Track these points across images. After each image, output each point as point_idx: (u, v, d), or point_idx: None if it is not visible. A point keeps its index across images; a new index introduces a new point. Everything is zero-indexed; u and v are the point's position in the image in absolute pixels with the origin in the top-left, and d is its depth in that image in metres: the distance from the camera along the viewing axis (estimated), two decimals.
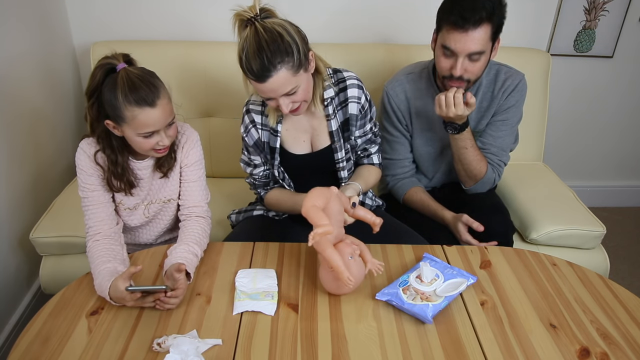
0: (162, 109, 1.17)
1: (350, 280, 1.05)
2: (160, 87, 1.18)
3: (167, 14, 2.06)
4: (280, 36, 1.16)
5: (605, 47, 2.30)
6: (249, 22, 1.18)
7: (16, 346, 1.01)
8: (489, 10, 1.34)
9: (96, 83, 1.16)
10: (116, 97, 1.13)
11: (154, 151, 1.23)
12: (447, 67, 1.44)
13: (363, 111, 1.40)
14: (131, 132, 1.17)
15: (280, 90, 1.20)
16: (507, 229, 1.58)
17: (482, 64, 1.43)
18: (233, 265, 1.26)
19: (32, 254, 1.72)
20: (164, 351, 0.99)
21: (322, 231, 1.03)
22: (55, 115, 1.98)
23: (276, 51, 1.15)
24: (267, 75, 1.17)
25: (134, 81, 1.13)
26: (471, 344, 1.04)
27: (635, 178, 2.75)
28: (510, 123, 1.59)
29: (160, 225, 1.43)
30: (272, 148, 1.40)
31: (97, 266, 1.15)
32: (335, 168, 1.44)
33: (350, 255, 1.10)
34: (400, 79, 1.62)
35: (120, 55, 1.17)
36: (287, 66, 1.17)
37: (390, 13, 2.11)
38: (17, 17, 1.73)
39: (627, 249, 2.46)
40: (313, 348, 1.02)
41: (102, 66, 1.16)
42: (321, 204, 1.08)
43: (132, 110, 1.13)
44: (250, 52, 1.16)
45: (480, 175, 1.57)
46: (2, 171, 1.66)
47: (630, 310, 1.15)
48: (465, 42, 1.36)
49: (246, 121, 1.40)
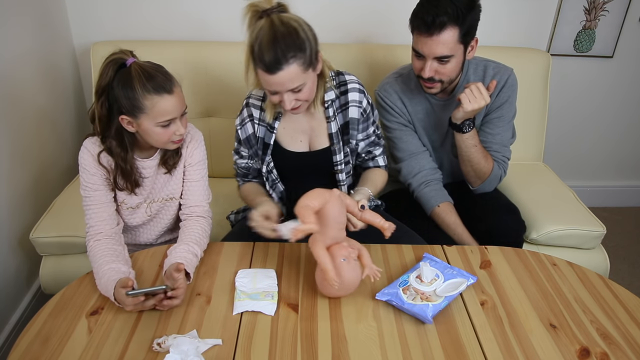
0: (178, 96, 1.19)
1: (336, 281, 1.05)
2: (172, 76, 1.20)
3: (167, 14, 2.06)
4: (295, 31, 1.17)
5: (605, 47, 2.30)
6: (264, 14, 1.17)
7: (16, 346, 1.01)
8: (452, 15, 1.34)
9: (108, 80, 1.16)
10: (133, 88, 1.14)
11: (172, 143, 1.24)
12: (419, 68, 1.46)
13: (365, 114, 1.40)
14: (150, 122, 1.17)
15: (288, 85, 1.20)
16: (519, 228, 1.59)
17: (454, 65, 1.43)
18: (233, 265, 1.26)
19: (32, 254, 1.72)
20: (164, 351, 0.99)
21: (303, 228, 1.04)
22: (56, 115, 1.98)
23: (290, 45, 1.16)
24: (278, 67, 1.17)
25: (149, 71, 1.16)
26: (471, 344, 1.04)
27: (635, 178, 2.75)
28: (506, 119, 1.59)
29: (161, 224, 1.43)
30: (265, 144, 1.40)
31: (101, 266, 1.15)
32: (333, 170, 1.44)
33: (343, 258, 1.10)
34: (390, 81, 1.62)
35: (128, 51, 1.19)
36: (299, 62, 1.18)
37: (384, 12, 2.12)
38: (17, 17, 1.73)
39: (627, 249, 2.46)
40: (313, 348, 1.02)
41: (112, 62, 1.16)
42: (316, 205, 1.09)
43: (151, 99, 1.15)
44: (264, 42, 1.15)
45: (488, 172, 1.57)
46: (3, 171, 1.66)
47: (630, 310, 1.15)
48: (431, 46, 1.38)
49: (244, 114, 1.40)
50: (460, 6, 1.35)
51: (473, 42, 1.45)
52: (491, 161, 1.57)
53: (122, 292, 1.07)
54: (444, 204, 1.59)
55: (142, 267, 1.25)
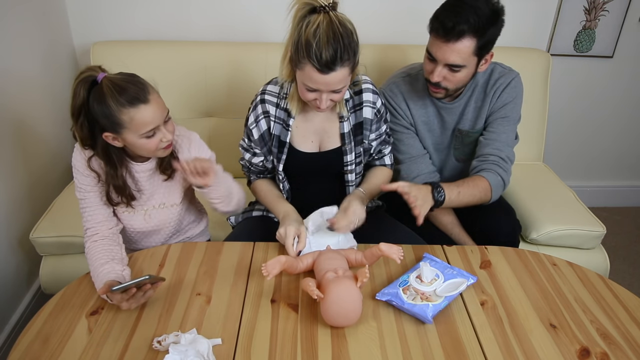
0: (155, 103, 1.16)
1: (319, 295, 1.05)
2: (146, 84, 1.17)
3: (167, 14, 2.06)
4: (351, 34, 1.16)
5: (605, 47, 2.30)
6: (321, 9, 1.15)
7: (16, 346, 1.01)
8: (473, 25, 1.31)
9: (81, 100, 1.12)
10: (108, 106, 1.11)
11: (161, 150, 1.22)
12: (429, 70, 1.44)
13: (379, 115, 1.40)
14: (133, 136, 1.15)
15: (334, 85, 1.19)
16: (514, 229, 1.58)
17: (464, 75, 1.41)
18: (233, 265, 1.26)
19: (32, 254, 1.72)
20: (163, 349, 0.99)
21: (267, 270, 1.12)
22: (56, 115, 1.98)
23: (348, 47, 1.15)
24: (332, 68, 1.16)
25: (120, 84, 1.11)
26: (471, 344, 1.04)
27: (635, 178, 2.75)
28: (512, 120, 1.56)
29: (163, 232, 1.41)
30: (281, 142, 1.38)
31: (96, 268, 1.15)
32: (342, 170, 1.43)
33: (331, 273, 1.11)
34: (397, 81, 1.61)
35: (96, 66, 1.15)
36: (349, 65, 1.18)
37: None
38: (17, 17, 1.73)
39: (627, 249, 2.46)
40: (313, 348, 1.02)
41: (82, 81, 1.12)
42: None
43: (127, 113, 1.12)
44: (324, 40, 1.13)
45: (488, 194, 1.48)
46: (3, 171, 1.66)
47: (630, 310, 1.15)
48: (445, 52, 1.36)
49: (258, 111, 1.37)
50: (483, 18, 1.32)
51: (488, 56, 1.43)
52: (481, 183, 1.47)
53: (105, 290, 1.07)
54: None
55: (142, 267, 1.24)
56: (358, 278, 1.08)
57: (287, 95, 1.34)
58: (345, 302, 1.04)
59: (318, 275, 1.15)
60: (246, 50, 1.98)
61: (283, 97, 1.35)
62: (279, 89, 1.36)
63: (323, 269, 1.14)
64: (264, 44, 2.03)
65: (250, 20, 2.09)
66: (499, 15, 1.36)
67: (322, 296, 1.05)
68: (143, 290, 1.08)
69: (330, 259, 1.17)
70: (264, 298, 1.15)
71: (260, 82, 1.46)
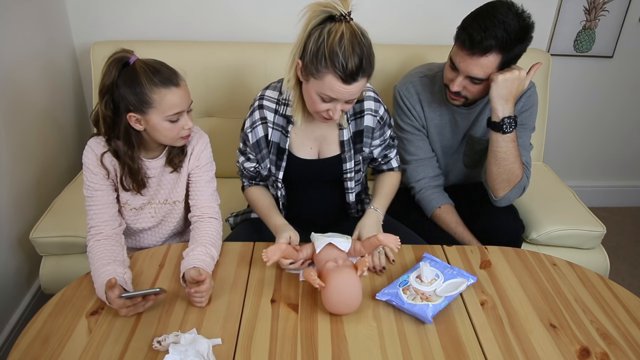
0: (184, 89, 1.20)
1: (320, 284, 1.08)
2: (177, 71, 1.21)
3: (167, 14, 2.06)
4: (371, 45, 1.15)
5: (605, 47, 2.30)
6: (342, 18, 1.13)
7: (16, 346, 1.01)
8: (500, 40, 1.29)
9: (112, 78, 1.15)
10: (140, 84, 1.14)
11: (180, 139, 1.24)
12: (449, 78, 1.43)
13: (382, 122, 1.39)
14: (158, 117, 1.17)
15: (353, 95, 1.18)
16: (517, 228, 1.58)
17: (484, 87, 1.40)
18: (233, 265, 1.26)
19: (32, 254, 1.72)
20: (163, 349, 0.99)
21: (267, 256, 1.15)
22: (56, 115, 1.98)
23: (370, 59, 1.15)
24: (355, 78, 1.14)
25: (154, 66, 1.17)
26: (471, 344, 1.04)
27: (635, 178, 2.75)
28: (528, 128, 1.55)
29: (166, 228, 1.42)
30: (280, 149, 1.36)
31: (97, 269, 1.15)
32: (342, 178, 1.42)
33: (331, 263, 1.15)
34: (413, 81, 1.58)
35: (129, 50, 1.19)
36: (368, 76, 1.18)
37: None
38: (17, 17, 1.73)
39: (627, 249, 2.46)
40: (313, 348, 1.02)
41: (115, 61, 1.16)
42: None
43: (159, 92, 1.15)
44: (349, 49, 1.11)
45: (520, 174, 1.47)
46: (3, 171, 1.66)
47: (630, 310, 1.15)
48: (469, 64, 1.34)
49: (255, 117, 1.35)
50: (512, 34, 1.29)
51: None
52: (521, 164, 1.47)
53: (111, 294, 1.06)
54: (445, 206, 1.58)
55: (142, 267, 1.25)
56: (358, 267, 1.12)
57: (287, 101, 1.32)
58: (346, 290, 1.08)
59: (318, 265, 1.19)
60: (246, 50, 1.98)
61: (282, 103, 1.33)
62: (277, 94, 1.34)
63: (323, 259, 1.18)
64: (264, 44, 2.03)
65: (250, 20, 2.09)
66: (528, 32, 1.34)
67: (324, 285, 1.08)
68: (145, 300, 1.09)
69: (330, 249, 1.21)
70: (264, 298, 1.15)
71: (260, 82, 1.47)
